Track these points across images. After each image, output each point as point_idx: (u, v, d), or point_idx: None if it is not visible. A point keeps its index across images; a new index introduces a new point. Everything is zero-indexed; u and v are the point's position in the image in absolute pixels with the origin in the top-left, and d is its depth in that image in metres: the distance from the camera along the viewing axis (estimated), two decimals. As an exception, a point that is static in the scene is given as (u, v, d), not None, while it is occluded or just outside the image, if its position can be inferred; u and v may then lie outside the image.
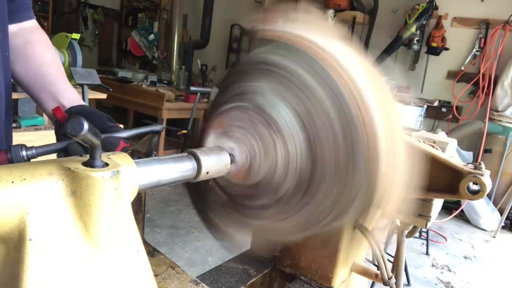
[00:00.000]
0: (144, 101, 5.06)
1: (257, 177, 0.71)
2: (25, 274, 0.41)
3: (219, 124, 0.76)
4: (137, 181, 0.54)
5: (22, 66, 0.88)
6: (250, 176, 0.71)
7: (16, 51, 0.88)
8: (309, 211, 0.69)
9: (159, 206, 3.82)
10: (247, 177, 0.72)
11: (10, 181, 0.42)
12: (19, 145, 0.61)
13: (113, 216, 0.48)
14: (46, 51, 0.92)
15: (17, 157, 0.60)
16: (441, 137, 1.32)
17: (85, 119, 0.42)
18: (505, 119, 4.39)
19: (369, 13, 5.24)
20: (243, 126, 0.72)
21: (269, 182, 0.70)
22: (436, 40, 4.73)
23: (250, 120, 0.70)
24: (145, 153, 0.81)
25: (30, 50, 0.89)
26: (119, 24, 8.51)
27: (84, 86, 2.50)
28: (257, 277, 1.18)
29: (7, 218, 0.41)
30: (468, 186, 0.96)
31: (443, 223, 4.29)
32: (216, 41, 6.77)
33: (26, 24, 0.93)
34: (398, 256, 1.32)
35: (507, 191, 4.41)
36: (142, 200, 1.10)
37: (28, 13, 0.93)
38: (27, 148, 0.62)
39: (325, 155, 0.65)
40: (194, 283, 0.99)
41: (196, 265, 2.87)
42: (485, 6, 4.60)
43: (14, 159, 0.60)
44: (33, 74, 0.87)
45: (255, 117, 0.70)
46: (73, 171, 0.45)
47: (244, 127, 0.71)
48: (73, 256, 0.45)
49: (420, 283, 3.07)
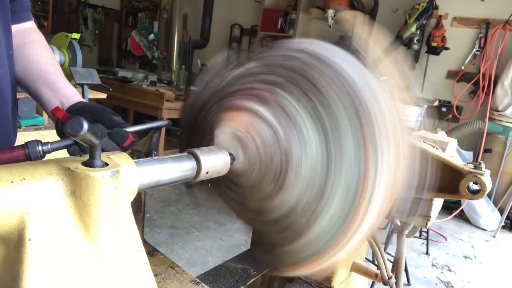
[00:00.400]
0: (144, 101, 5.06)
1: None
2: (25, 274, 0.41)
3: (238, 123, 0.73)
4: (137, 181, 0.54)
5: (21, 66, 0.89)
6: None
7: (14, 51, 0.88)
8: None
9: (159, 206, 3.82)
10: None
11: (10, 181, 0.42)
12: (35, 141, 0.64)
13: (113, 216, 0.48)
14: (43, 52, 0.92)
15: (34, 152, 0.63)
16: (441, 137, 1.32)
17: (84, 119, 0.42)
18: (505, 118, 4.39)
19: (369, 13, 5.24)
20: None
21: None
22: (436, 40, 4.72)
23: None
24: (145, 153, 0.81)
25: (28, 50, 0.90)
26: (119, 24, 8.50)
27: (84, 86, 2.49)
28: (257, 277, 1.18)
29: (6, 218, 0.41)
30: (468, 185, 0.96)
31: (443, 223, 4.29)
32: (216, 41, 6.77)
33: (24, 25, 0.94)
34: (398, 256, 1.32)
35: (507, 191, 4.40)
36: (142, 200, 1.10)
37: (26, 14, 0.94)
38: (43, 144, 0.64)
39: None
40: (194, 283, 0.99)
41: (196, 265, 2.87)
42: (485, 6, 4.60)
43: (32, 155, 0.63)
44: (33, 73, 0.88)
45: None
46: (72, 171, 0.45)
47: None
48: (72, 256, 0.45)
49: (420, 283, 3.06)
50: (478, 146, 4.53)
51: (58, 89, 0.85)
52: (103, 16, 8.14)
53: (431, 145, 1.14)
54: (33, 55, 0.90)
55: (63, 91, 0.85)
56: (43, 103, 0.86)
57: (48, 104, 0.85)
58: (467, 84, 4.74)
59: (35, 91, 0.87)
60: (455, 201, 4.38)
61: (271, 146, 0.68)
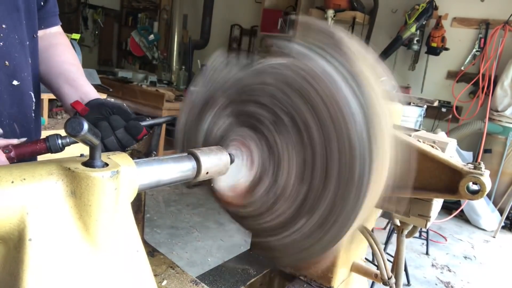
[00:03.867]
0: (144, 101, 5.06)
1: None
2: (25, 274, 0.41)
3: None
4: (137, 181, 0.54)
5: (45, 65, 0.95)
6: None
7: (40, 52, 0.94)
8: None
9: (159, 206, 3.82)
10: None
11: (10, 181, 0.42)
12: (55, 135, 0.69)
13: (113, 216, 0.48)
14: (67, 52, 0.99)
15: (54, 146, 0.68)
16: (441, 137, 1.32)
17: (84, 119, 0.42)
18: (505, 119, 4.39)
19: (369, 13, 5.24)
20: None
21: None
22: (436, 40, 4.72)
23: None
24: (145, 153, 0.82)
25: (52, 51, 0.97)
26: (119, 24, 8.50)
27: (84, 86, 2.49)
28: (257, 277, 1.18)
29: (7, 218, 0.41)
30: (468, 186, 0.96)
31: (443, 223, 4.29)
32: (216, 41, 6.77)
33: (52, 29, 1.00)
34: (398, 256, 1.32)
35: (507, 191, 4.41)
36: (142, 200, 1.10)
37: (53, 20, 1.01)
38: (62, 137, 0.69)
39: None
40: (194, 283, 0.99)
41: (196, 265, 2.87)
42: (485, 6, 4.60)
43: (52, 148, 0.68)
44: (56, 71, 0.94)
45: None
46: (73, 171, 0.45)
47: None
48: (72, 256, 0.45)
49: (420, 283, 3.06)
50: (478, 147, 4.53)
51: (78, 86, 0.91)
52: (103, 17, 8.14)
53: (430, 145, 1.14)
54: (57, 55, 0.96)
55: (82, 88, 0.91)
56: (64, 98, 0.92)
57: (68, 99, 0.90)
58: (467, 85, 4.74)
59: (57, 87, 0.93)
60: (455, 201, 4.37)
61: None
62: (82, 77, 0.94)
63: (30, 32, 0.86)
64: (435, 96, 4.76)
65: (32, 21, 0.87)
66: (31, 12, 0.86)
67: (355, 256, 1.36)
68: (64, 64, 0.95)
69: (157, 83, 5.76)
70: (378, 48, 5.06)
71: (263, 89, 0.71)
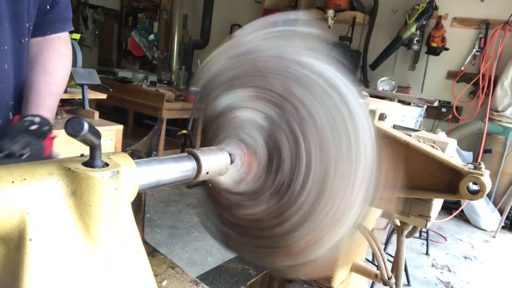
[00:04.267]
0: (144, 101, 5.06)
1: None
2: (25, 274, 0.41)
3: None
4: (137, 181, 0.54)
5: (28, 70, 0.94)
6: None
7: (31, 57, 0.94)
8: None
9: (159, 206, 3.82)
10: None
11: (10, 181, 0.42)
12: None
13: (113, 216, 0.48)
14: (54, 64, 0.96)
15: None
16: (441, 137, 1.32)
17: (85, 119, 0.42)
18: (505, 119, 4.39)
19: (369, 13, 5.24)
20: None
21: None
22: (436, 40, 4.72)
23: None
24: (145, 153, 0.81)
25: (40, 58, 0.95)
26: (119, 24, 8.50)
27: (84, 86, 2.50)
28: (257, 277, 1.18)
29: (7, 218, 0.41)
30: (468, 186, 0.96)
31: (443, 223, 4.29)
32: (216, 41, 6.77)
33: (61, 35, 0.98)
34: (398, 256, 1.32)
35: (507, 191, 4.40)
36: (142, 200, 1.10)
37: (60, 26, 0.98)
38: None
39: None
40: (194, 283, 0.99)
41: (196, 265, 2.87)
42: (485, 6, 4.60)
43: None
44: (30, 79, 0.92)
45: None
46: (73, 171, 0.45)
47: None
48: (73, 256, 0.45)
49: (420, 283, 3.06)
50: (478, 147, 4.53)
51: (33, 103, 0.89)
52: (103, 17, 8.14)
53: (431, 145, 1.14)
54: (40, 64, 0.94)
55: (35, 107, 0.89)
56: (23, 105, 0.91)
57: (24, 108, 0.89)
58: (467, 85, 4.75)
59: (25, 94, 0.92)
60: (455, 202, 4.37)
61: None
62: (47, 95, 0.92)
63: (15, 37, 0.84)
64: (435, 96, 4.75)
65: (19, 25, 0.85)
66: (18, 16, 0.84)
67: (356, 256, 1.36)
68: (41, 75, 0.93)
69: (157, 83, 5.77)
70: (378, 48, 5.07)
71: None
